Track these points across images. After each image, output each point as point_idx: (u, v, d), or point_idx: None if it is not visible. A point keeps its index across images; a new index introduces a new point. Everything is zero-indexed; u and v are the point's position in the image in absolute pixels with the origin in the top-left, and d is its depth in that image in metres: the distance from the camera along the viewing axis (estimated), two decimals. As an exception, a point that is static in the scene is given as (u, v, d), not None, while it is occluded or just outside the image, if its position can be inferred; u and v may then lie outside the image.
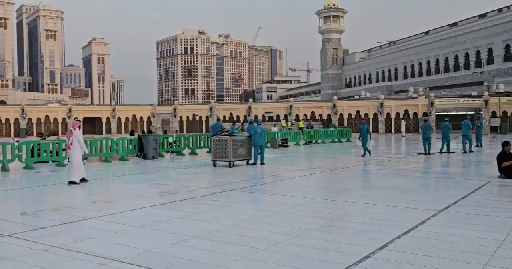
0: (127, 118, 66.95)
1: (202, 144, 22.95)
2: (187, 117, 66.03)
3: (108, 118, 66.14)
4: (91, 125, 66.36)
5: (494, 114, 50.38)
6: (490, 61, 79.08)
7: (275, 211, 7.70)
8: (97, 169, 15.82)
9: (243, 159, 16.19)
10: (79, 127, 11.92)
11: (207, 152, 22.71)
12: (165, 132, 36.18)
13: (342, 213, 7.65)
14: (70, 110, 65.04)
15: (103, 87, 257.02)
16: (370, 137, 20.84)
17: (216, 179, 13.13)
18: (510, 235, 5.87)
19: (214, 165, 16.09)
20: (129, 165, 16.95)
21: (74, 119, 12.81)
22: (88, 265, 4.78)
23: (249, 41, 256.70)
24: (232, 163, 15.66)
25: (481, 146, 25.35)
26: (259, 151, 16.45)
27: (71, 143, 11.53)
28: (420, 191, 10.22)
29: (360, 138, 20.60)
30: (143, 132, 29.23)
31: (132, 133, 25.29)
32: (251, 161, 16.41)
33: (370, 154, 20.37)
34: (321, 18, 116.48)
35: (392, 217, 7.17)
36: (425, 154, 20.72)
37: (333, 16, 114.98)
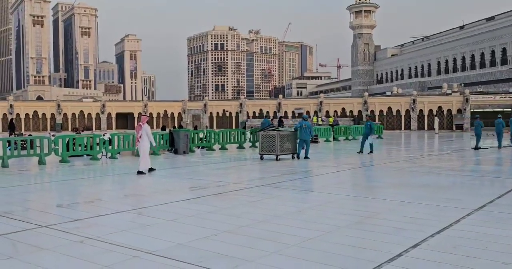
0: (158, 114, 67.93)
1: (232, 140, 23.05)
2: (217, 113, 66.46)
3: (140, 114, 67.27)
4: (124, 120, 67.64)
5: (532, 111, 48.61)
6: (529, 56, 76.25)
7: (306, 208, 7.66)
8: (129, 163, 16.12)
9: (289, 153, 16.78)
10: (147, 122, 12.72)
11: (237, 147, 22.82)
12: (195, 127, 36.56)
13: (374, 210, 7.55)
14: (103, 105, 66.48)
15: (135, 83, 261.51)
16: (373, 133, 20.01)
17: (246, 175, 13.20)
18: (550, 236, 5.66)
19: (262, 158, 16.66)
20: (160, 160, 17.19)
21: (143, 115, 13.60)
22: (121, 257, 4.88)
23: (279, 37, 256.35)
24: (278, 156, 16.27)
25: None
26: (303, 145, 17.00)
27: (140, 136, 12.24)
28: (455, 189, 9.98)
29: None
30: (174, 127, 29.61)
31: (163, 128, 25.65)
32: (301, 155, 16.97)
33: (372, 152, 18.97)
34: (352, 13, 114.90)
35: (426, 215, 7.03)
36: (475, 148, 21.38)
37: (365, 11, 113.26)
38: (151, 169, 12.63)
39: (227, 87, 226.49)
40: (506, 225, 6.40)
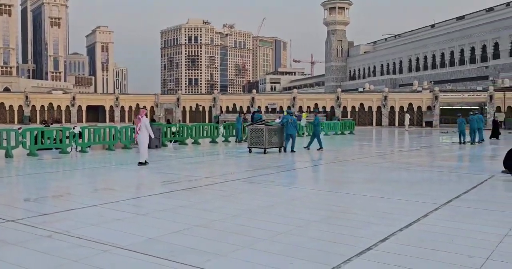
0: (130, 107, 66.99)
1: (205, 134, 22.96)
2: (190, 107, 66.03)
3: (111, 107, 66.20)
4: (95, 113, 66.46)
5: (498, 109, 50.16)
6: (496, 55, 78.52)
7: (278, 202, 7.71)
8: (100, 157, 15.87)
9: (276, 147, 17.45)
10: (146, 115, 13.06)
11: (210, 142, 22.75)
12: (168, 121, 36.24)
13: (345, 205, 7.66)
14: (73, 98, 65.12)
15: (107, 75, 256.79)
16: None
17: (219, 169, 13.18)
18: (513, 230, 5.87)
19: (250, 151, 17.09)
20: (132, 154, 16.97)
21: (141, 108, 13.97)
22: (91, 252, 4.80)
23: (253, 31, 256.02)
24: (266, 150, 16.83)
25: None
26: (289, 139, 17.68)
27: (139, 129, 12.64)
28: (423, 184, 10.20)
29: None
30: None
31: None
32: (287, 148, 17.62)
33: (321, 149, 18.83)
34: (326, 9, 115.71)
35: (395, 210, 7.18)
36: (471, 143, 23.08)
37: (339, 7, 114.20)
38: (145, 162, 12.76)
39: (201, 81, 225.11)
40: (471, 219, 6.59)
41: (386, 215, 6.76)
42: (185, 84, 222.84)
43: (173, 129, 21.87)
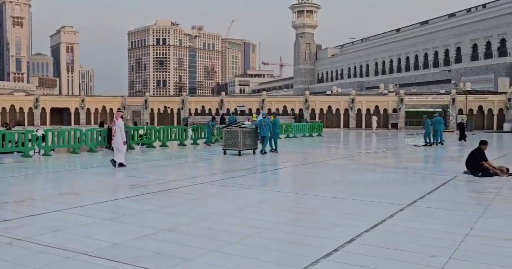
0: (96, 109, 65.65)
1: (173, 137, 22.73)
2: (159, 109, 65.26)
3: (76, 109, 64.71)
4: (59, 115, 64.78)
5: (461, 111, 51.73)
6: (458, 59, 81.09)
7: (245, 205, 7.70)
8: (64, 160, 15.47)
9: (250, 149, 17.73)
10: (122, 117, 13.13)
11: (179, 144, 22.55)
12: (135, 124, 35.69)
13: (312, 207, 7.72)
14: (37, 99, 63.32)
15: (72, 77, 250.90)
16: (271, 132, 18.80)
17: (188, 172, 13.08)
18: (473, 229, 6.05)
19: (225, 153, 17.30)
20: (98, 157, 16.64)
21: (117, 110, 14.15)
22: (53, 259, 4.67)
23: (222, 34, 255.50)
24: (240, 151, 17.07)
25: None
26: (263, 141, 18.09)
27: (115, 132, 12.74)
28: (389, 185, 10.40)
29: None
30: (113, 123, 28.70)
31: (101, 125, 24.82)
32: (262, 150, 18.00)
33: (275, 150, 18.84)
34: (295, 12, 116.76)
35: (361, 211, 7.28)
36: (436, 144, 23.82)
37: (307, 11, 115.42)
38: (121, 164, 12.76)
39: (169, 83, 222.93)
40: (434, 219, 6.76)
41: (352, 216, 6.85)
42: (153, 86, 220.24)
43: (141, 131, 21.52)
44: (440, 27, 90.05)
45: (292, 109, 59.54)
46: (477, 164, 11.83)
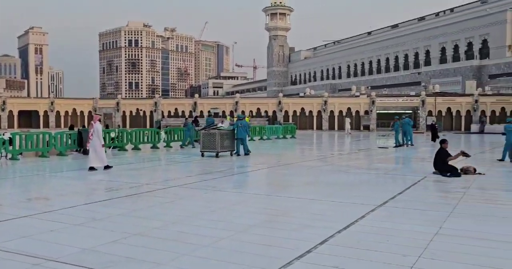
0: (66, 112, 64.32)
1: (145, 140, 22.47)
2: (131, 112, 64.42)
3: (46, 112, 63.22)
4: (27, 118, 63.18)
5: (430, 113, 52.90)
6: (428, 62, 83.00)
7: (218, 207, 7.66)
8: (33, 165, 15.09)
9: (228, 150, 17.99)
10: (99, 120, 13.18)
11: (151, 147, 22.30)
12: (106, 126, 35.12)
13: (285, 208, 7.75)
14: (4, 102, 61.59)
15: (41, 79, 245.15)
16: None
17: (160, 175, 12.94)
18: (442, 228, 6.18)
19: (203, 155, 17.46)
20: (68, 161, 16.30)
21: (94, 113, 14.15)
22: (21, 266, 4.54)
23: (195, 35, 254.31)
24: (218, 153, 17.33)
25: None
26: (241, 143, 18.38)
27: (92, 135, 12.68)
28: (361, 186, 10.54)
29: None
30: (83, 126, 28.22)
31: (71, 128, 24.34)
32: (241, 152, 18.33)
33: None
34: (268, 15, 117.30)
35: (334, 212, 7.35)
36: (406, 144, 24.49)
37: (280, 13, 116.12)
38: (92, 168, 12.71)
39: (142, 85, 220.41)
40: (405, 219, 6.88)
41: (325, 218, 6.90)
42: (125, 88, 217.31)
43: (112, 134, 21.20)
44: (410, 30, 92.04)
45: (266, 111, 59.72)
46: (444, 164, 12.12)
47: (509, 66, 66.45)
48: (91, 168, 12.67)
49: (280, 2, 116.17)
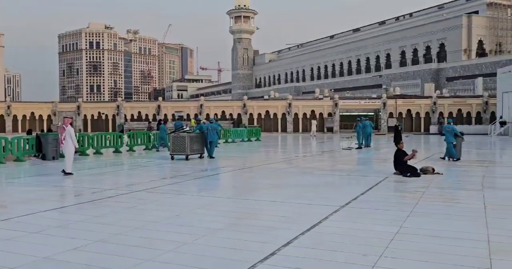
0: (24, 116, 62.21)
1: (108, 144, 22.01)
2: (92, 116, 62.99)
3: (2, 116, 60.95)
4: (-18, 123, 60.74)
5: (391, 115, 54.21)
6: (388, 65, 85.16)
7: (183, 212, 7.59)
8: (-12, 171, 14.50)
9: (197, 153, 18.15)
10: (71, 124, 13.05)
11: (114, 152, 21.88)
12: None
13: (250, 211, 7.76)
14: (-43, 106, 59.02)
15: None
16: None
17: (123, 180, 12.70)
18: (403, 228, 6.34)
19: (172, 158, 17.58)
20: (25, 167, 15.77)
21: (65, 117, 13.89)
22: (-27, 277, 4.35)
23: (159, 38, 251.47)
24: (188, 156, 17.52)
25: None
26: (210, 145, 18.52)
27: (64, 139, 12.53)
28: (325, 188, 10.68)
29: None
30: (42, 131, 27.38)
31: (29, 132, 23.59)
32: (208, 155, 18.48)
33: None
34: (232, 18, 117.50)
35: (298, 214, 7.41)
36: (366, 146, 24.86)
37: (244, 16, 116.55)
38: (65, 172, 12.61)
39: (104, 88, 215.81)
40: (367, 219, 7.02)
41: (290, 220, 6.95)
42: (87, 91, 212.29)
43: (73, 139, 20.63)
44: (371, 34, 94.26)
45: (231, 114, 59.68)
46: (403, 165, 12.46)
47: (465, 69, 69.03)
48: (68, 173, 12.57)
49: (244, 5, 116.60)
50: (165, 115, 59.79)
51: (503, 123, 41.10)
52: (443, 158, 17.16)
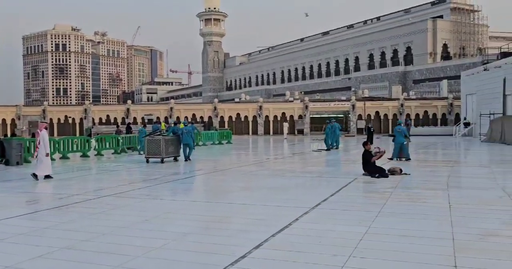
0: (-14, 120, 60.26)
1: (75, 148, 21.53)
2: (59, 119, 61.54)
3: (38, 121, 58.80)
4: None
5: (360, 117, 55.06)
6: (357, 68, 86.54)
7: (153, 216, 7.49)
8: None
9: (172, 156, 18.46)
10: (46, 128, 12.95)
11: (81, 156, 21.43)
12: (33, 135, 33.30)
13: (221, 214, 7.72)
14: None
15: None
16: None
17: (91, 185, 12.44)
18: (371, 228, 6.44)
19: (147, 162, 17.81)
20: (-12, 172, 15.24)
21: (41, 121, 13.94)
22: None
23: (127, 40, 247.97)
24: (163, 159, 17.80)
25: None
26: (186, 148, 18.73)
27: (39, 143, 12.60)
28: (296, 190, 10.74)
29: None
30: (5, 135, 26.57)
31: (-8, 137, 22.83)
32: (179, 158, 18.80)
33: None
34: (202, 20, 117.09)
35: (269, 216, 7.43)
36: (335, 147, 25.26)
37: (214, 19, 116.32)
38: (47, 176, 12.71)
39: (71, 91, 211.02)
40: (336, 220, 7.09)
41: (261, 222, 6.96)
42: (53, 94, 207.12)
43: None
44: (340, 37, 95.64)
45: (201, 117, 59.37)
46: (371, 166, 12.68)
47: (431, 72, 70.84)
48: (47, 176, 12.72)
49: (214, 8, 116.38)
50: (135, 118, 59.04)
51: (467, 124, 42.31)
52: (391, 159, 17.64)
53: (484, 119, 35.96)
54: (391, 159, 17.53)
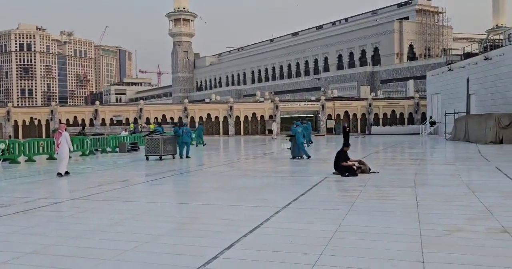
0: None
1: (41, 151, 20.98)
2: (24, 121, 59.85)
3: (60, 121, 56.53)
4: None
5: (330, 116, 55.73)
6: (326, 68, 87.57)
7: (123, 218, 7.38)
8: None
9: (170, 154, 19.91)
10: (65, 129, 14.14)
11: (48, 159, 20.90)
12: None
13: (193, 215, 7.68)
14: None
15: None
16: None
17: (58, 188, 12.15)
18: (341, 226, 6.53)
19: (147, 159, 19.25)
20: (-51, 177, 14.69)
21: (61, 123, 14.72)
22: None
23: (95, 40, 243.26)
24: (161, 157, 19.36)
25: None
26: (184, 147, 20.51)
27: (60, 143, 13.65)
28: (267, 189, 10.77)
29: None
30: (-32, 138, 25.66)
31: (-47, 140, 22.00)
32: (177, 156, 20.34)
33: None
34: (172, 20, 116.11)
35: (240, 216, 7.43)
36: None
37: (184, 19, 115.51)
38: (67, 173, 13.88)
39: (36, 92, 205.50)
40: (307, 219, 7.16)
41: (232, 222, 6.96)
42: (17, 95, 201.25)
43: (1, 146, 19.53)
44: (309, 38, 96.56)
45: (172, 118, 58.87)
46: (341, 165, 12.84)
47: (398, 72, 72.38)
48: (66, 173, 13.86)
49: (184, 8, 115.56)
50: (103, 119, 58.05)
51: (433, 123, 43.45)
52: (294, 158, 18.76)
53: (449, 118, 37.02)
54: (293, 158, 18.81)
